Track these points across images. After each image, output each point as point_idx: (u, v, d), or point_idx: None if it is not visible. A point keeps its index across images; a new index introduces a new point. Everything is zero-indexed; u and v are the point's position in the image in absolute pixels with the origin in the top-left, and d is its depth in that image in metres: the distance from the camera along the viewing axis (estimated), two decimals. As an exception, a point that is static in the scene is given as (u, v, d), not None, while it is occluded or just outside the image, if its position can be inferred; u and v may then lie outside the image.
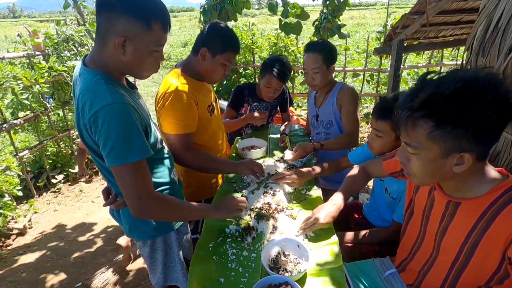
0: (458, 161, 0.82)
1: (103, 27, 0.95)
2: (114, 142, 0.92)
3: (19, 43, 3.66)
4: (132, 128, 0.96)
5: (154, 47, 1.00)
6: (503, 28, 1.53)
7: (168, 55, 12.97)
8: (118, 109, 0.93)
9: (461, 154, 0.80)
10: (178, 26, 27.54)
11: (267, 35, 5.08)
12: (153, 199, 1.04)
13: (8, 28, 29.04)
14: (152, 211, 1.05)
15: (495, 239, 0.83)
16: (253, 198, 1.48)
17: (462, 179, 0.88)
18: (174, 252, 1.30)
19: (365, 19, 25.33)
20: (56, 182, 3.56)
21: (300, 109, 5.63)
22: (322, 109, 2.02)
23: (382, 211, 1.55)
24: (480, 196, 0.86)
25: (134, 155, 0.96)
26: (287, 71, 2.12)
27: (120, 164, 0.95)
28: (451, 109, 0.76)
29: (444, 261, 0.98)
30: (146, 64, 1.03)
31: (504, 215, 0.81)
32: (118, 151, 0.94)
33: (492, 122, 0.75)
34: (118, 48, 0.95)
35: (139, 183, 0.99)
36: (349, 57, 6.80)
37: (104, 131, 0.92)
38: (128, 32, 0.94)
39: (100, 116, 0.91)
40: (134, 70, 1.04)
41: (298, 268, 1.10)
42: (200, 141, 1.59)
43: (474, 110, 0.74)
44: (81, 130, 1.00)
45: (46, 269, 2.38)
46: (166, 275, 1.32)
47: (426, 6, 2.28)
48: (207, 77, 1.55)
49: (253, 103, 2.34)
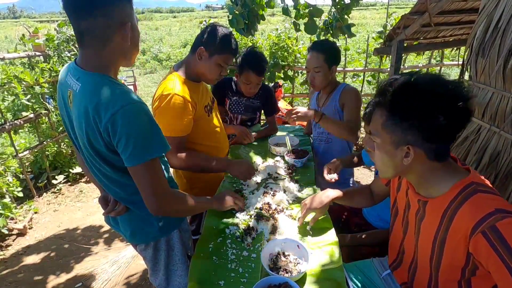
0: (406, 153, 0.87)
1: (101, 25, 0.91)
2: (136, 141, 0.93)
3: (19, 43, 3.67)
4: (153, 124, 0.98)
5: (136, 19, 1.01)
6: (503, 28, 1.54)
7: (168, 55, 12.99)
8: (136, 108, 0.93)
9: (408, 147, 0.86)
10: (178, 27, 27.56)
11: (267, 35, 5.08)
12: (170, 195, 1.06)
13: (8, 29, 29.05)
14: (171, 207, 1.08)
15: (457, 237, 0.85)
16: (253, 198, 1.48)
17: (423, 175, 0.92)
18: (176, 252, 1.29)
19: (365, 19, 25.34)
20: (56, 183, 3.56)
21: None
22: (324, 109, 2.01)
23: (382, 212, 1.55)
24: (443, 194, 0.90)
25: (156, 151, 0.98)
26: (263, 64, 2.04)
27: (143, 162, 0.96)
28: (398, 101, 0.83)
29: (424, 260, 1.00)
30: (137, 41, 1.03)
31: (461, 213, 0.84)
32: (141, 149, 0.94)
33: (438, 122, 0.80)
34: (126, 36, 0.95)
35: (159, 180, 1.01)
36: (349, 57, 6.80)
37: (126, 132, 0.91)
38: (128, 15, 0.95)
39: (118, 117, 0.90)
40: (132, 53, 1.04)
41: (298, 268, 1.10)
42: (199, 140, 1.60)
43: (418, 106, 0.81)
44: (88, 134, 0.96)
45: (46, 270, 2.38)
46: (168, 278, 1.31)
47: (426, 6, 2.28)
48: (203, 76, 1.55)
49: (232, 97, 2.25)
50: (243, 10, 2.68)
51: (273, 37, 4.88)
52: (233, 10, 2.71)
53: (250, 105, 2.29)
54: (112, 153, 0.99)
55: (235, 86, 2.24)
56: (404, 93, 0.83)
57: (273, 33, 5.01)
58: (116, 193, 1.12)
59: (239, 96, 2.24)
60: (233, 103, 2.27)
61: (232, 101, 2.26)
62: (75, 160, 3.81)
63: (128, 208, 1.16)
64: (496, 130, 1.69)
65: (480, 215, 0.79)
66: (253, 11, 2.69)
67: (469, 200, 0.83)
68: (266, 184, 1.60)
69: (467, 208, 0.83)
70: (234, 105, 2.27)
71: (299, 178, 1.73)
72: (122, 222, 1.20)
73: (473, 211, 0.81)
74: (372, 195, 1.38)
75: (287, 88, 5.14)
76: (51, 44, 3.45)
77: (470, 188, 0.85)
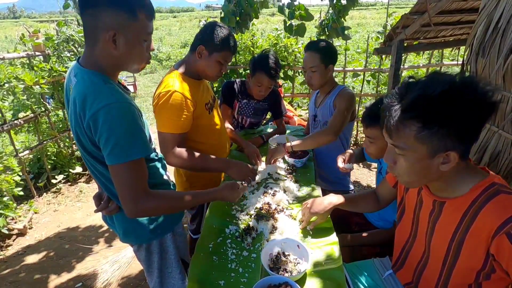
0: (444, 160, 0.84)
1: (90, 25, 0.95)
2: (117, 140, 0.92)
3: (19, 43, 3.67)
4: (136, 126, 0.97)
5: (144, 36, 1.00)
6: (503, 28, 1.53)
7: (168, 55, 12.98)
8: (121, 107, 0.93)
9: (447, 153, 0.83)
10: (178, 27, 27.56)
11: (267, 35, 5.08)
12: (148, 197, 1.03)
13: (8, 29, 29.05)
14: (149, 210, 1.04)
15: (478, 237, 0.84)
16: (253, 198, 1.48)
17: (447, 179, 0.90)
18: (170, 256, 1.29)
19: (365, 19, 25.32)
20: (56, 182, 3.56)
21: (300, 109, 5.63)
22: (320, 110, 2.02)
23: (383, 211, 1.55)
24: (463, 195, 0.89)
25: (136, 153, 0.97)
26: (278, 68, 2.04)
27: (122, 162, 0.95)
28: (438, 110, 0.79)
29: (435, 260, 0.99)
30: (138, 55, 1.03)
31: (484, 213, 0.83)
32: (121, 149, 0.93)
33: (473, 121, 0.80)
34: (110, 43, 0.95)
35: (137, 182, 0.99)
36: (349, 57, 6.80)
37: (106, 129, 0.91)
38: (116, 25, 0.94)
39: (101, 114, 0.90)
40: (127, 64, 1.04)
41: (298, 268, 1.10)
42: (200, 138, 1.60)
43: (458, 110, 0.78)
44: (77, 131, 0.99)
45: (47, 270, 2.38)
46: (162, 280, 1.30)
47: (426, 5, 2.28)
48: (204, 74, 1.56)
49: (242, 100, 2.25)
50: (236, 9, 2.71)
51: (273, 37, 4.88)
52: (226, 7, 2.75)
53: (259, 108, 2.31)
54: (98, 149, 0.99)
55: (246, 89, 2.23)
56: (444, 101, 0.79)
57: (273, 33, 5.01)
58: (109, 191, 1.12)
59: (249, 99, 2.24)
60: (243, 106, 2.27)
61: (241, 104, 2.26)
62: (75, 160, 3.81)
63: (120, 207, 1.14)
64: (496, 130, 1.69)
65: (505, 215, 0.79)
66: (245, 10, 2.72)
67: (492, 201, 0.83)
68: (266, 184, 1.60)
69: (491, 208, 0.82)
70: (244, 108, 2.28)
71: (299, 178, 1.73)
72: (117, 221, 1.20)
73: (498, 212, 0.81)
74: (377, 199, 1.37)
75: (287, 88, 5.14)
76: (51, 44, 3.45)
77: (492, 188, 0.85)
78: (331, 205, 1.28)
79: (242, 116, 2.32)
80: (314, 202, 1.29)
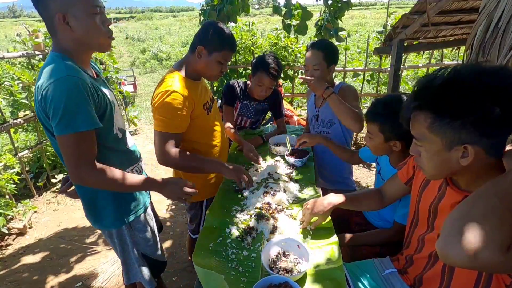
0: (463, 153, 0.80)
1: (45, 16, 1.01)
2: (63, 111, 0.97)
3: (18, 42, 3.66)
4: (81, 99, 1.00)
5: (91, 9, 1.03)
6: (503, 28, 1.53)
7: (168, 54, 12.98)
8: (70, 81, 0.98)
9: (465, 146, 0.79)
10: (178, 26, 27.57)
11: (267, 35, 5.08)
12: (93, 169, 1.07)
13: (8, 28, 29.03)
14: (91, 182, 1.09)
15: None
16: (253, 198, 1.48)
17: (475, 174, 0.86)
18: (130, 250, 1.34)
19: (365, 19, 25.34)
20: (56, 182, 3.55)
21: (300, 109, 5.63)
22: (322, 109, 2.02)
23: (382, 211, 1.55)
24: None
25: (81, 125, 1.00)
26: (279, 68, 2.06)
27: (67, 133, 0.99)
28: (444, 100, 0.77)
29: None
30: (93, 29, 1.06)
31: None
32: (67, 121, 0.98)
33: (494, 114, 0.73)
34: (65, 26, 1.00)
35: (82, 152, 1.03)
36: (349, 57, 6.80)
37: (55, 101, 0.96)
38: (62, 6, 0.99)
39: (51, 88, 0.96)
40: (88, 42, 1.08)
41: (298, 268, 1.10)
42: (198, 138, 1.60)
43: (468, 101, 0.75)
44: (38, 108, 1.03)
45: (46, 269, 2.38)
46: (127, 271, 1.37)
47: (426, 5, 2.28)
48: (204, 74, 1.56)
49: (243, 101, 2.26)
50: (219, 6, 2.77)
51: (273, 37, 4.88)
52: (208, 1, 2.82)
53: (260, 109, 2.32)
54: None
55: (247, 90, 2.24)
56: (449, 90, 0.76)
57: (273, 32, 5.01)
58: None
59: (250, 100, 2.25)
60: (244, 107, 2.28)
61: (243, 105, 2.28)
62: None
63: None
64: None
65: None
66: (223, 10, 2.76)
67: None
68: (266, 184, 1.60)
69: None
70: (245, 108, 2.29)
71: (299, 178, 1.73)
72: (83, 205, 1.27)
73: None
74: (381, 197, 1.36)
75: (287, 87, 5.15)
76: (51, 42, 3.45)
77: None
78: (331, 205, 1.27)
79: (242, 116, 2.32)
80: (314, 203, 1.28)
